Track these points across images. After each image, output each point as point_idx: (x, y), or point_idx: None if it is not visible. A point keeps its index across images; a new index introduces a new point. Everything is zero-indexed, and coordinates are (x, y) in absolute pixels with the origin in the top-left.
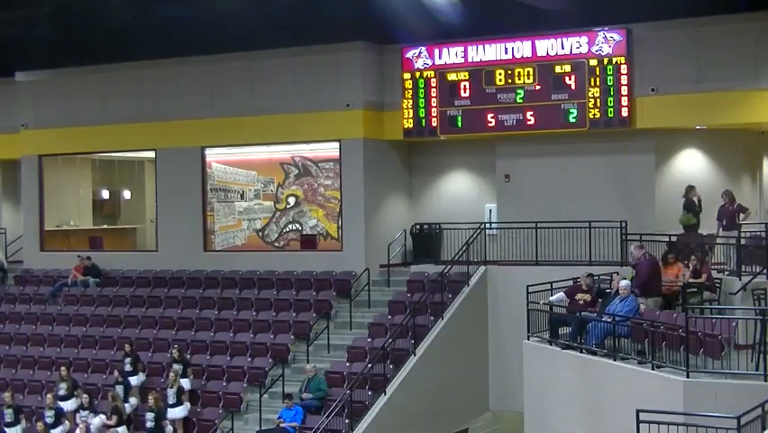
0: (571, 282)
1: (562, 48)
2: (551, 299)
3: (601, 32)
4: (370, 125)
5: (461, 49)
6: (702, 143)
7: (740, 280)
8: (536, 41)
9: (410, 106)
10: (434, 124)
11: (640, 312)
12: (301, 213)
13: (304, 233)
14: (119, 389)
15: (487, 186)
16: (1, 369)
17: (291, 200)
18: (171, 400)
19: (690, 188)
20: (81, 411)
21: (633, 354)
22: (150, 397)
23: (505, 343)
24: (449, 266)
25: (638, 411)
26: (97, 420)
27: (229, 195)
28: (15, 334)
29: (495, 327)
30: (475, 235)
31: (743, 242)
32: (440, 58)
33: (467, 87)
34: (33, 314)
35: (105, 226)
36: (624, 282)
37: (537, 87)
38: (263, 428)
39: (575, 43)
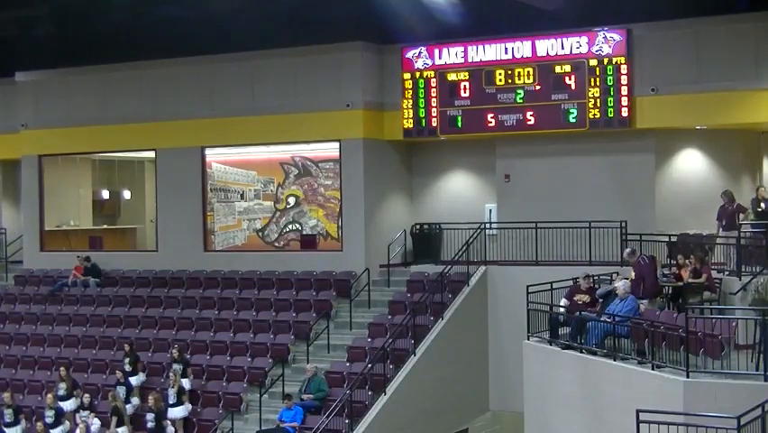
0: (570, 282)
1: (562, 48)
2: (560, 309)
3: (601, 32)
4: (370, 125)
5: (461, 49)
6: (702, 143)
7: (740, 280)
8: (536, 41)
9: (410, 106)
10: (434, 124)
11: (640, 312)
12: (301, 213)
13: (304, 233)
14: (120, 389)
15: (487, 186)
16: (1, 369)
17: (291, 200)
18: (172, 400)
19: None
20: (81, 411)
21: (633, 354)
22: (150, 397)
23: (505, 343)
24: (449, 266)
25: (638, 411)
26: (96, 423)
27: (229, 195)
28: (15, 334)
29: (495, 327)
30: (475, 235)
31: (743, 242)
32: (440, 58)
33: (467, 87)
34: (33, 314)
35: (105, 226)
36: (622, 283)
37: (537, 87)
38: (263, 427)
39: (575, 43)
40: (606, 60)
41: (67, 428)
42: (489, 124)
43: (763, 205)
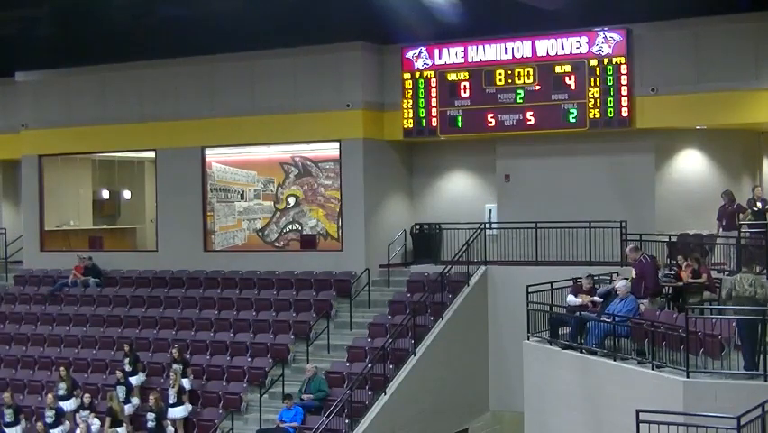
0: (570, 282)
1: (562, 48)
2: (568, 301)
3: (601, 32)
4: (370, 125)
5: (461, 49)
6: (702, 143)
7: None
8: (536, 41)
9: (410, 106)
10: (434, 124)
11: (640, 312)
12: (301, 213)
13: (304, 233)
14: (120, 390)
15: (487, 186)
16: (1, 369)
17: (291, 200)
18: (172, 400)
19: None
20: (81, 411)
21: (633, 354)
22: (150, 397)
23: (505, 343)
24: (449, 266)
25: (638, 411)
26: (96, 423)
27: (229, 195)
28: (15, 334)
29: (495, 327)
30: (475, 235)
31: (742, 242)
32: (440, 58)
33: (467, 87)
34: (33, 314)
35: (105, 226)
36: (622, 282)
37: (537, 87)
38: (263, 427)
39: (575, 43)
40: (606, 60)
41: (67, 428)
42: (489, 124)
43: (759, 204)
